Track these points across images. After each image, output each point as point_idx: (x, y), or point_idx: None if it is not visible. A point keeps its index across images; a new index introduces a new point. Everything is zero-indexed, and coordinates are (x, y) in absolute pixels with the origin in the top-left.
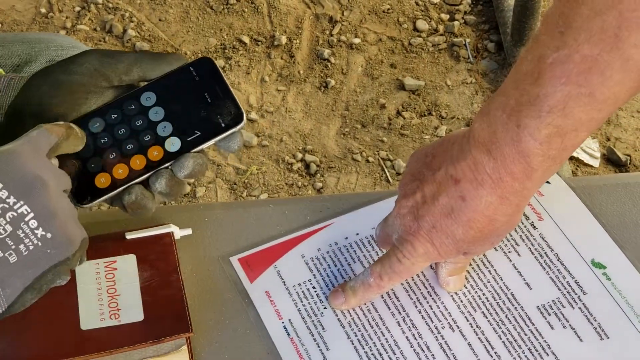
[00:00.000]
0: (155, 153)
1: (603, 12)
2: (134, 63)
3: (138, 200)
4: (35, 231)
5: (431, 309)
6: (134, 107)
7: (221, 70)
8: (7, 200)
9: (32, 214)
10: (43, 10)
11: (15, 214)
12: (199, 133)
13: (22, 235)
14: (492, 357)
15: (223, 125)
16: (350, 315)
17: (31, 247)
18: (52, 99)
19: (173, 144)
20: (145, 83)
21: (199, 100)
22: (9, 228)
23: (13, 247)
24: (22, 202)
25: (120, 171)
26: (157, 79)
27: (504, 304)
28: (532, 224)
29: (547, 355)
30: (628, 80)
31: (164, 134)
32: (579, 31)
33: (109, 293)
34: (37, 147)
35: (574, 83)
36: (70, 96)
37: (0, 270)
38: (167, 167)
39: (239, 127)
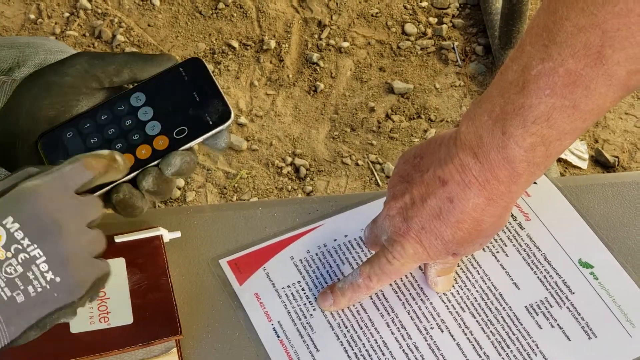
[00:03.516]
0: (143, 152)
1: (587, 30)
2: (124, 64)
3: (126, 198)
4: (45, 274)
5: (420, 309)
6: (123, 107)
7: (210, 70)
8: (22, 241)
9: (43, 258)
10: (32, 16)
11: (27, 256)
12: (187, 131)
13: (32, 277)
14: (480, 357)
15: (210, 123)
16: (340, 317)
17: (39, 289)
18: (44, 101)
19: (161, 143)
20: (136, 84)
21: (188, 100)
22: (19, 269)
23: (22, 287)
24: (35, 246)
25: None
26: (147, 79)
27: (492, 304)
28: (520, 225)
29: (536, 354)
30: (612, 93)
31: (153, 133)
32: (563, 46)
33: (98, 296)
34: (65, 185)
35: (558, 95)
36: (61, 98)
37: (7, 309)
38: (155, 165)
39: (226, 124)
